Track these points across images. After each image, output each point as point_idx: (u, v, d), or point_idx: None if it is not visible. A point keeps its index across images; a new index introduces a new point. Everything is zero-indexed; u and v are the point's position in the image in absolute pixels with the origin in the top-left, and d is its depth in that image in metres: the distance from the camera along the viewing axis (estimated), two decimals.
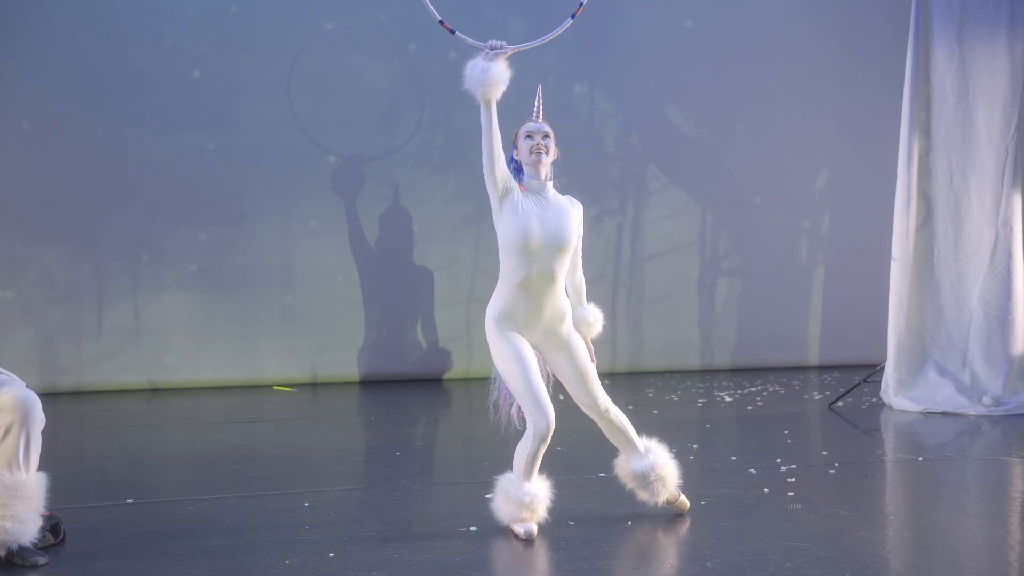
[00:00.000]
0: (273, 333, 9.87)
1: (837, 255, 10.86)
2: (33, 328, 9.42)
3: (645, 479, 5.46)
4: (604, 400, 5.39)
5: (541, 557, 5.00)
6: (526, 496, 5.18)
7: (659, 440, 5.60)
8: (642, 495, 5.52)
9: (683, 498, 5.56)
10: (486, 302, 5.33)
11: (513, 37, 10.03)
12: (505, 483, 5.27)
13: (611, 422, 5.42)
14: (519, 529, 5.17)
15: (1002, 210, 8.49)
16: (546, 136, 5.28)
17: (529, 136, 5.27)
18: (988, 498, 6.12)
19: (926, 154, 8.58)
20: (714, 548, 5.04)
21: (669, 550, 5.20)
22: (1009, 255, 8.48)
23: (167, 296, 9.68)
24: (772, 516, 5.55)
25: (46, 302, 9.45)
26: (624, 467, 5.54)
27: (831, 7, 10.71)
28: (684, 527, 5.41)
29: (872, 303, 10.04)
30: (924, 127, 8.58)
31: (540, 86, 5.49)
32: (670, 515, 5.53)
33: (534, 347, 5.31)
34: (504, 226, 5.19)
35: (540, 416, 5.13)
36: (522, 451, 5.21)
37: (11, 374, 4.86)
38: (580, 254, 5.46)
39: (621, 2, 10.33)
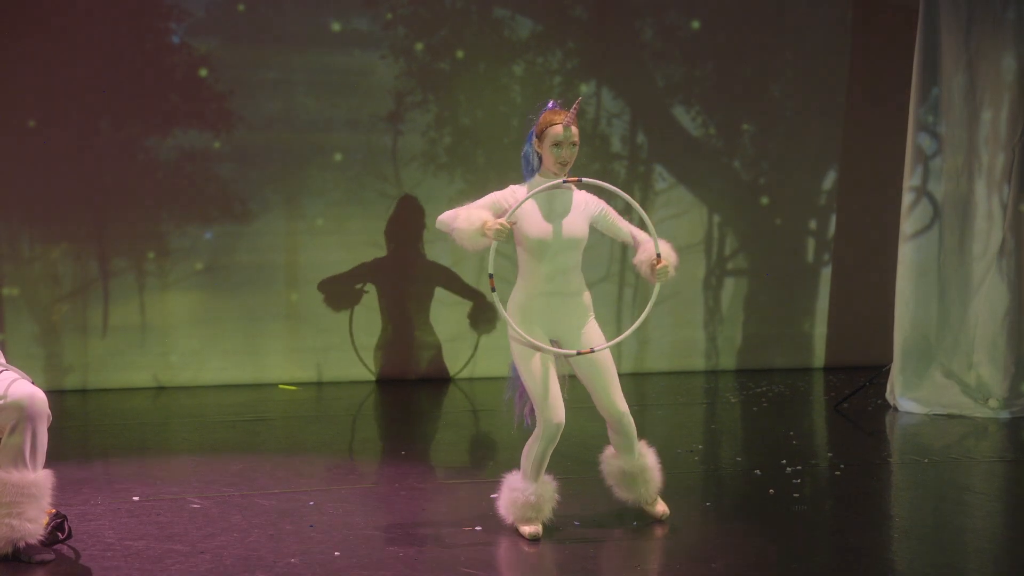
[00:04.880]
0: (279, 332, 9.87)
1: (843, 256, 10.84)
2: (39, 326, 9.43)
3: (632, 479, 5.42)
4: (622, 403, 5.28)
5: (546, 557, 5.00)
6: (532, 496, 5.18)
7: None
8: (622, 494, 5.47)
9: (662, 504, 5.50)
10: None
11: (519, 36, 10.08)
12: (511, 483, 5.27)
13: (622, 427, 5.34)
14: (525, 529, 5.17)
15: (1008, 212, 8.47)
16: (573, 144, 5.17)
17: (557, 145, 5.16)
18: (994, 500, 6.12)
19: (933, 156, 8.57)
20: (719, 549, 5.03)
21: (674, 551, 5.19)
22: (1015, 257, 8.46)
23: (173, 294, 9.69)
24: (778, 517, 5.54)
25: (52, 300, 9.46)
26: (613, 462, 5.49)
27: (838, 7, 10.69)
28: (690, 528, 5.40)
29: (878, 305, 10.03)
30: (931, 128, 8.56)
31: (580, 98, 5.35)
32: (675, 516, 5.52)
33: (554, 341, 5.28)
34: (516, 230, 5.20)
35: (550, 415, 5.12)
36: (530, 450, 5.20)
37: (18, 371, 4.85)
38: (618, 219, 5.32)
39: (628, 2, 10.32)
